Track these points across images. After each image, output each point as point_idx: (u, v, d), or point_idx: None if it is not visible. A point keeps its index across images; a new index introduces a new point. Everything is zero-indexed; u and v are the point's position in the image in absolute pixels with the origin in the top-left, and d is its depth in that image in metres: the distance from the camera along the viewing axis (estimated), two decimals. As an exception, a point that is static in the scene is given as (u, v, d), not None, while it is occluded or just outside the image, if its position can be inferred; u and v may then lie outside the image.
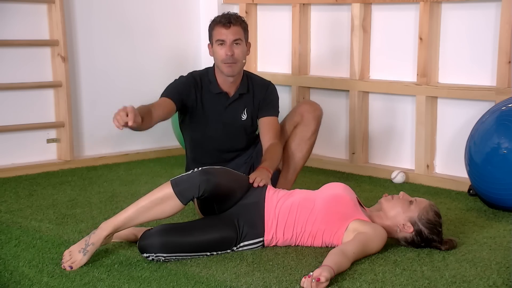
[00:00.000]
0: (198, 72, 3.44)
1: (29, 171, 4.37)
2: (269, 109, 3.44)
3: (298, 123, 3.48)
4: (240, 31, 3.29)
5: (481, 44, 4.00)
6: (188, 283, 2.51)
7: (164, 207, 2.74)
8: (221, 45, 3.27)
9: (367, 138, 4.52)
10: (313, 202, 2.88)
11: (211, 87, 3.36)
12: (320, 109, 3.52)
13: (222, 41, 3.27)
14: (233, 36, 3.26)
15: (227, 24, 3.25)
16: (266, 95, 3.45)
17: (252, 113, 3.43)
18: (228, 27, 3.25)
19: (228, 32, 3.25)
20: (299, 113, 3.48)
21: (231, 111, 3.39)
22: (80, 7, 4.63)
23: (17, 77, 4.41)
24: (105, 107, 4.78)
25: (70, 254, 2.71)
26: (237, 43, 3.28)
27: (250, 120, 3.44)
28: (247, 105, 3.42)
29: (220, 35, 3.26)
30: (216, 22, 3.30)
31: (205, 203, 2.91)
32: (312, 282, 2.41)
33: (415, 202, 2.89)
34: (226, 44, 3.26)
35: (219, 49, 3.28)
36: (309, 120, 3.46)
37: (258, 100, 3.43)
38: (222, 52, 3.27)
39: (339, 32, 4.61)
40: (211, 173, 2.77)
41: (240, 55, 3.29)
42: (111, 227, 2.73)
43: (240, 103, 3.40)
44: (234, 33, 3.26)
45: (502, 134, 3.42)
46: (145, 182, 4.11)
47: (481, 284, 2.52)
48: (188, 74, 3.41)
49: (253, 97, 3.42)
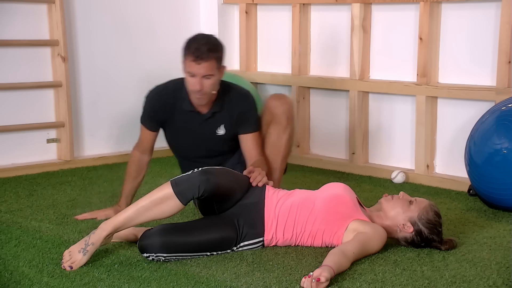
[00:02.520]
0: (171, 86, 3.33)
1: (29, 171, 4.37)
2: (249, 125, 3.33)
3: (271, 122, 3.39)
4: (211, 66, 3.13)
5: (481, 44, 4.00)
6: (188, 283, 2.51)
7: (164, 207, 2.74)
8: (191, 77, 3.14)
9: (367, 138, 4.52)
10: (313, 202, 2.88)
11: (183, 104, 3.27)
12: (289, 101, 3.42)
13: (192, 74, 3.14)
14: (204, 72, 3.12)
15: (198, 60, 3.10)
16: (245, 110, 3.33)
17: (230, 127, 3.33)
18: (199, 63, 3.10)
19: (198, 68, 3.11)
20: (268, 111, 3.39)
21: (205, 128, 3.32)
22: (80, 7, 4.63)
23: (17, 77, 4.41)
24: (105, 107, 4.79)
25: (70, 254, 2.70)
26: (208, 77, 3.14)
27: (229, 133, 3.34)
28: (223, 121, 3.32)
29: (190, 68, 3.13)
30: (188, 52, 3.13)
31: (205, 203, 2.91)
32: (312, 282, 2.41)
33: (415, 202, 2.89)
34: (196, 78, 3.13)
35: (189, 79, 3.15)
36: (279, 116, 3.36)
37: (236, 115, 3.31)
38: (191, 84, 3.15)
39: (339, 32, 4.61)
40: (211, 173, 2.77)
41: (209, 87, 3.16)
42: (110, 227, 2.73)
43: (214, 121, 3.31)
44: (205, 69, 3.12)
45: (502, 134, 3.42)
46: (145, 182, 4.09)
47: (481, 284, 2.52)
48: (152, 94, 3.33)
49: (229, 112, 3.31)
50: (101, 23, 4.74)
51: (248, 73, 5.05)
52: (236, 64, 5.19)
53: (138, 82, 4.92)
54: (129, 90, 4.86)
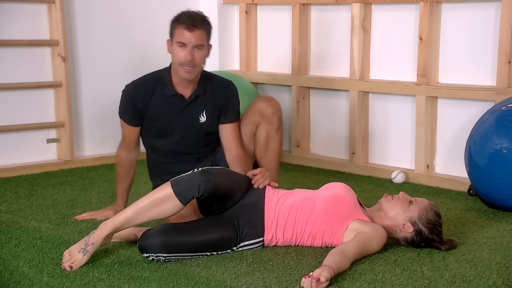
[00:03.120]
0: (149, 76, 3.28)
1: (29, 171, 4.37)
2: (231, 114, 3.30)
3: (260, 122, 3.37)
4: (203, 35, 3.11)
5: (481, 44, 4.00)
6: (188, 283, 2.51)
7: (164, 207, 2.74)
8: (181, 47, 3.09)
9: (367, 138, 4.52)
10: (313, 202, 2.88)
11: (165, 89, 3.21)
12: (277, 103, 3.41)
13: (183, 44, 3.09)
14: (195, 41, 3.08)
15: (191, 27, 3.07)
16: (228, 98, 3.30)
17: (212, 114, 3.28)
18: (192, 30, 3.07)
19: (190, 35, 3.07)
20: (257, 111, 3.37)
21: (187, 114, 3.24)
22: (80, 7, 4.63)
23: (17, 77, 4.41)
24: (105, 107, 4.78)
25: (70, 254, 2.71)
26: (199, 48, 3.10)
27: (210, 122, 3.28)
28: (205, 107, 3.26)
29: (182, 37, 3.09)
30: (180, 21, 3.11)
31: (205, 203, 2.91)
32: (312, 282, 2.41)
33: (415, 202, 2.90)
34: (187, 48, 3.08)
35: (179, 51, 3.10)
36: (270, 117, 3.36)
37: (219, 102, 3.27)
38: (181, 55, 3.09)
39: (339, 32, 4.61)
40: (211, 174, 2.77)
41: (200, 60, 3.12)
42: (110, 227, 2.73)
43: (197, 105, 3.25)
44: (197, 38, 3.09)
45: (502, 134, 3.42)
46: (145, 182, 4.10)
47: (481, 284, 2.52)
48: (129, 88, 3.28)
49: (211, 98, 3.26)
50: (101, 23, 4.74)
51: (248, 73, 5.05)
52: (236, 64, 5.19)
53: (138, 82, 4.93)
54: (129, 90, 4.86)
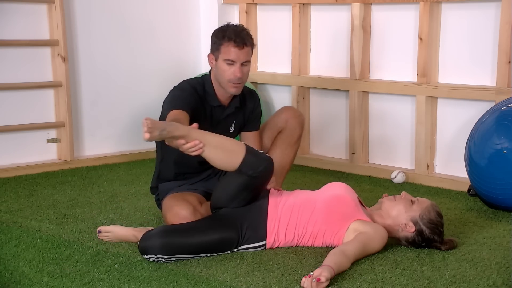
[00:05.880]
0: (194, 82, 3.23)
1: (29, 171, 4.37)
2: (256, 123, 3.38)
3: (283, 129, 3.45)
4: (250, 52, 3.15)
5: (481, 44, 4.00)
6: (188, 283, 2.51)
7: (225, 155, 2.78)
8: (229, 65, 3.11)
9: (367, 138, 4.52)
10: (314, 203, 2.88)
11: (210, 99, 3.21)
12: (303, 116, 3.53)
13: (232, 62, 3.11)
14: (244, 58, 3.11)
15: (240, 45, 3.09)
16: (254, 108, 3.37)
17: (239, 124, 3.35)
18: (241, 48, 3.10)
19: (240, 53, 3.10)
20: (284, 119, 3.46)
21: (223, 124, 3.28)
22: (80, 7, 4.63)
23: (17, 77, 4.41)
24: (105, 107, 4.79)
25: (152, 123, 2.60)
26: (245, 64, 3.14)
27: (237, 132, 3.36)
28: (236, 118, 3.31)
29: (230, 55, 3.10)
30: (228, 38, 3.10)
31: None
32: (312, 282, 2.41)
33: (417, 202, 2.90)
34: (236, 65, 3.11)
35: (227, 68, 3.11)
36: (295, 126, 3.46)
37: (247, 113, 3.34)
38: (230, 72, 3.11)
39: (339, 32, 4.61)
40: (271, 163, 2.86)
41: (247, 75, 3.17)
42: (185, 131, 2.71)
43: (232, 116, 3.30)
44: (246, 55, 3.12)
45: (502, 134, 3.42)
46: (145, 182, 4.10)
47: (481, 284, 2.52)
48: (187, 85, 3.19)
49: (244, 110, 3.33)
50: (101, 23, 4.74)
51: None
52: (236, 64, 5.19)
53: (138, 82, 4.93)
54: (129, 90, 4.87)
